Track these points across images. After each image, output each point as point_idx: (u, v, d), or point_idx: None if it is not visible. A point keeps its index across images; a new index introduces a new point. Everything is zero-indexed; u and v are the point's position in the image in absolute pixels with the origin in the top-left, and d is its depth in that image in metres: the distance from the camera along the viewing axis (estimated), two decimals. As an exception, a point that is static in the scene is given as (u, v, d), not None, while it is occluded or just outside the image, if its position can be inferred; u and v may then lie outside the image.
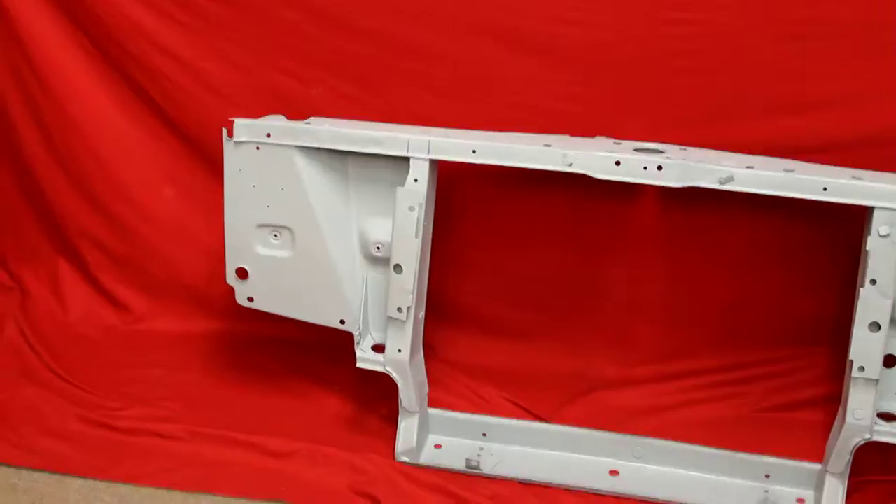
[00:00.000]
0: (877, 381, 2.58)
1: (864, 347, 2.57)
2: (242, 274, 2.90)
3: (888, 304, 2.54)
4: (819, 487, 2.72)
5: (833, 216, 2.91)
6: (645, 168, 2.63)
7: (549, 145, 2.71)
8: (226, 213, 2.89)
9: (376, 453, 2.87)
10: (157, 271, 3.49)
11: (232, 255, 2.91)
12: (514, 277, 3.23)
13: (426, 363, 2.96)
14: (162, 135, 3.40)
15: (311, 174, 2.82)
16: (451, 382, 3.17)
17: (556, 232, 3.16)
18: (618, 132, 2.92)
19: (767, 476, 2.81)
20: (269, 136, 2.80)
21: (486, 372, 3.21)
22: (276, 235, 2.87)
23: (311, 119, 2.91)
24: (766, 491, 2.78)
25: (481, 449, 2.93)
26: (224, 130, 2.82)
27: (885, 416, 2.65)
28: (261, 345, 3.34)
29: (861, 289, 2.56)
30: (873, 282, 2.54)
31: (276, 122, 2.84)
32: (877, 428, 2.62)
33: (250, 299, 2.93)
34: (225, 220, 2.89)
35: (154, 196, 3.46)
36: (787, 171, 2.62)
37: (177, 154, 3.40)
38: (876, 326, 2.56)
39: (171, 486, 2.77)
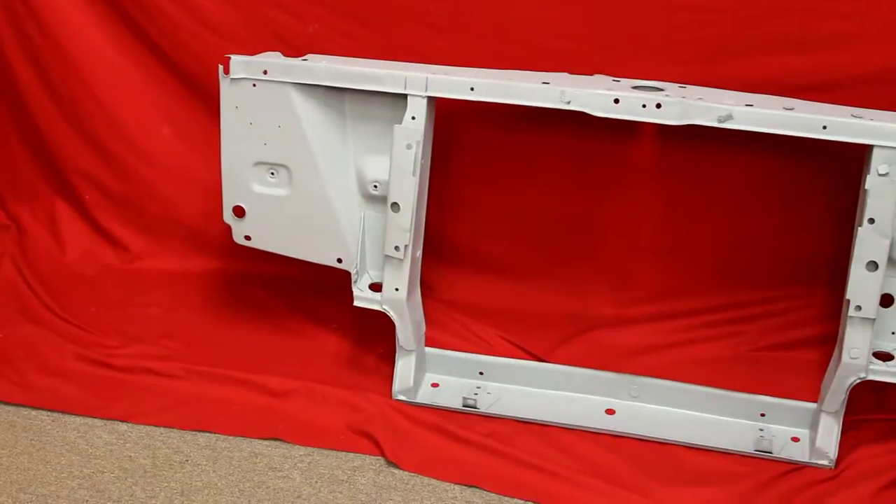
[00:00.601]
0: (873, 320, 2.58)
1: (861, 287, 2.57)
2: (239, 212, 2.90)
3: (886, 243, 2.54)
4: (814, 426, 2.73)
5: (832, 155, 2.88)
6: (644, 106, 2.62)
7: (547, 83, 2.70)
8: (222, 151, 2.88)
9: (373, 392, 2.89)
10: (154, 210, 3.47)
11: (229, 194, 2.90)
12: (512, 217, 3.21)
13: (423, 302, 2.96)
14: (159, 73, 3.37)
15: (307, 112, 2.80)
16: (448, 321, 3.17)
17: (554, 171, 3.15)
18: (617, 70, 2.89)
19: (763, 415, 2.82)
20: (265, 73, 2.78)
21: (483, 311, 3.21)
22: (272, 173, 2.86)
23: (308, 56, 2.89)
24: (762, 430, 2.79)
25: (478, 388, 2.94)
26: (220, 67, 2.80)
27: (881, 356, 2.66)
28: (258, 283, 3.34)
29: (859, 228, 2.56)
30: (871, 221, 2.54)
31: (272, 59, 2.82)
32: (872, 367, 2.63)
33: (247, 238, 2.93)
34: (221, 159, 2.89)
35: (151, 135, 3.43)
36: (786, 109, 2.61)
37: (174, 92, 3.37)
38: (873, 266, 2.55)
39: (168, 424, 2.79)
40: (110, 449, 2.70)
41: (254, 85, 2.79)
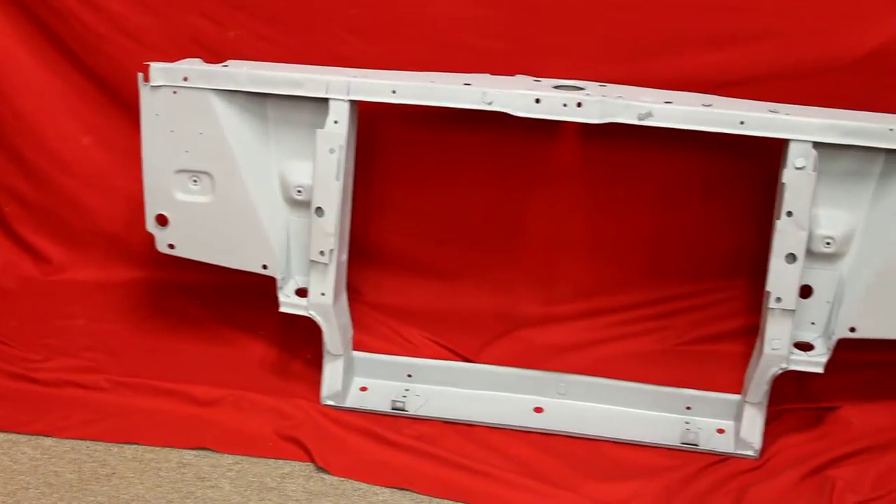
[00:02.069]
0: (793, 311, 2.63)
1: (781, 279, 2.62)
2: (162, 221, 2.88)
3: (804, 235, 2.59)
4: (739, 417, 2.78)
5: (752, 149, 2.93)
6: (564, 105, 2.65)
7: (469, 84, 2.71)
8: (143, 160, 2.85)
9: (302, 398, 2.88)
10: (75, 221, 3.42)
11: (151, 202, 2.88)
12: (437, 218, 3.21)
13: (350, 306, 2.96)
14: (78, 82, 3.33)
15: (229, 118, 2.79)
16: (375, 325, 3.18)
17: (479, 171, 3.16)
18: (540, 70, 2.91)
19: (689, 408, 2.86)
20: (185, 79, 2.77)
21: (411, 313, 3.22)
22: (195, 181, 2.84)
23: (229, 62, 2.88)
24: (688, 423, 2.83)
25: (407, 390, 2.94)
26: (140, 75, 2.77)
27: (802, 346, 2.71)
28: (183, 292, 3.31)
29: (777, 221, 2.61)
30: (789, 214, 2.59)
31: (192, 66, 2.80)
32: (793, 357, 2.68)
33: (171, 246, 2.90)
34: (143, 167, 2.86)
35: (71, 144, 3.38)
36: (704, 105, 2.66)
37: (93, 101, 3.33)
38: (792, 258, 2.60)
39: (94, 437, 2.75)
40: (35, 464, 2.65)
41: (174, 92, 2.78)
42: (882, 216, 2.63)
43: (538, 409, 2.90)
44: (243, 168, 2.81)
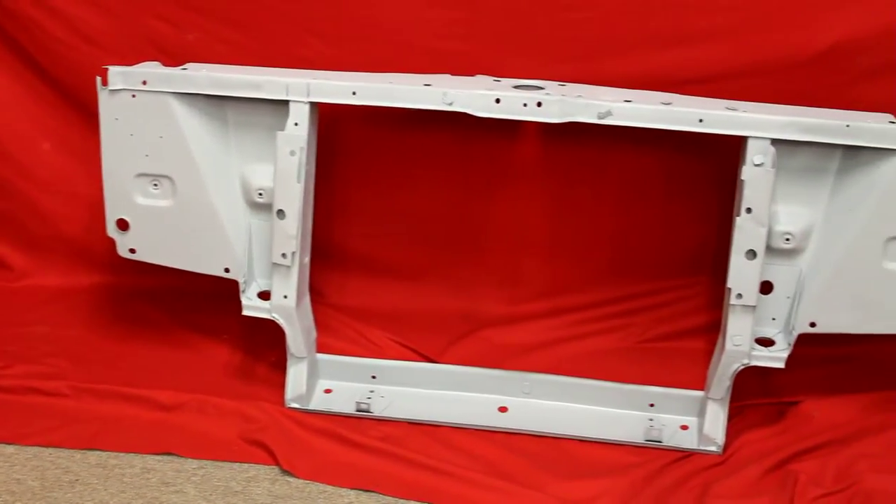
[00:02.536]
0: (754, 307, 2.65)
1: (742, 275, 2.64)
2: (123, 225, 2.86)
3: (763, 231, 2.61)
4: (702, 414, 2.79)
5: (712, 147, 2.95)
6: (524, 105, 2.66)
7: (429, 85, 2.72)
8: (103, 164, 2.84)
9: (266, 401, 2.87)
10: (36, 227, 3.41)
11: (112, 207, 2.86)
12: (400, 219, 3.22)
13: (314, 308, 2.96)
14: (36, 86, 3.31)
15: (189, 121, 2.78)
16: (339, 327, 3.18)
17: (441, 171, 3.16)
18: (500, 70, 2.92)
19: (652, 405, 2.88)
20: (144, 83, 2.75)
21: (374, 314, 3.23)
22: (155, 185, 2.83)
23: (188, 65, 2.87)
24: (651, 420, 2.84)
25: (371, 392, 2.94)
26: (98, 79, 2.75)
27: (763, 342, 2.73)
28: (145, 297, 3.30)
29: (737, 217, 2.63)
30: (749, 210, 2.61)
31: (151, 69, 2.79)
32: (755, 353, 2.70)
33: (132, 251, 2.89)
34: (103, 171, 2.84)
35: (30, 149, 3.36)
36: (663, 104, 2.68)
37: (52, 105, 3.31)
38: (752, 254, 2.62)
39: (57, 444, 2.73)
40: (-3, 472, 2.67)
41: (133, 96, 2.76)
42: (840, 211, 2.65)
43: (503, 409, 2.91)
44: (204, 171, 2.80)
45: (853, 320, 2.69)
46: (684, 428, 2.82)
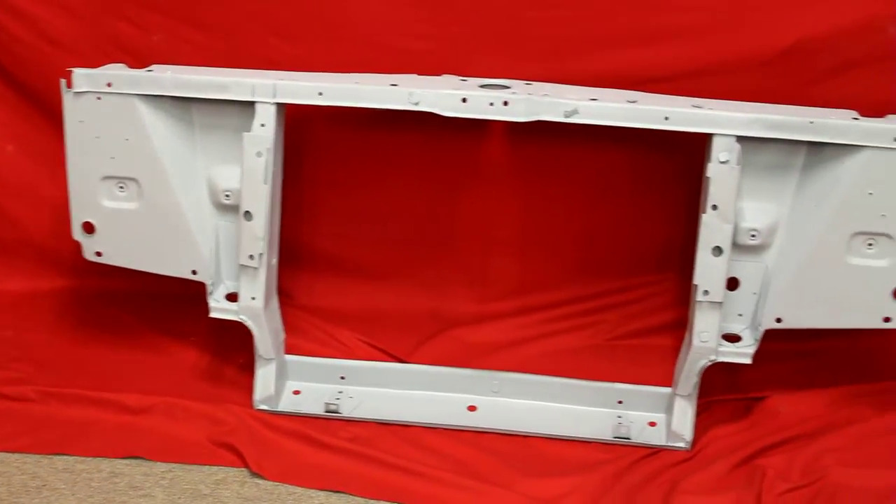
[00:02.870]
0: (721, 303, 2.67)
1: (708, 271, 2.65)
2: (89, 228, 2.85)
3: (729, 228, 2.63)
4: (670, 410, 2.81)
5: (678, 144, 2.93)
6: (491, 104, 2.67)
7: (395, 85, 2.72)
8: (68, 167, 2.82)
9: (235, 403, 2.86)
10: (0, 230, 3.36)
11: (77, 210, 2.85)
12: (368, 219, 3.21)
13: (282, 310, 2.96)
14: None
15: (155, 123, 2.77)
16: (307, 328, 3.17)
17: (409, 171, 3.16)
18: (467, 70, 2.92)
19: (620, 402, 2.90)
20: (109, 85, 2.74)
21: (343, 315, 3.22)
22: (121, 187, 2.81)
23: (154, 67, 2.85)
24: (620, 417, 2.86)
25: (340, 392, 2.94)
26: (63, 81, 2.74)
27: (730, 338, 2.75)
28: (112, 300, 3.27)
29: (703, 214, 2.64)
30: (714, 207, 2.62)
31: (116, 71, 2.78)
32: (722, 349, 2.72)
33: (98, 254, 2.87)
34: (68, 174, 2.82)
35: (-7, 152, 3.37)
36: (629, 102, 2.69)
37: (16, 108, 3.27)
38: (718, 251, 2.64)
39: (23, 449, 2.71)
40: (-37, 479, 2.65)
41: (98, 98, 2.75)
42: (805, 208, 2.67)
43: (472, 408, 2.91)
44: (170, 173, 2.79)
45: (819, 315, 2.71)
46: (652, 424, 2.84)
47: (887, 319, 2.68)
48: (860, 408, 2.88)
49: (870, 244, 2.63)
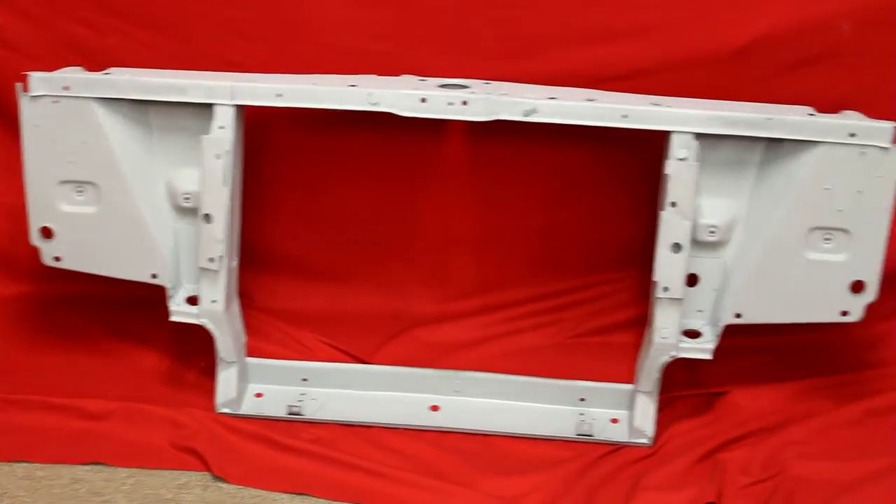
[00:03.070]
0: (680, 300, 2.68)
1: (668, 268, 2.67)
2: (47, 233, 2.83)
3: (688, 225, 2.64)
4: (631, 407, 2.83)
5: (637, 142, 2.94)
6: (450, 104, 2.67)
7: (354, 86, 2.71)
8: (25, 172, 2.79)
9: (196, 407, 2.85)
10: (-44, 237, 3.37)
11: (35, 215, 2.82)
12: (328, 220, 3.21)
13: (244, 312, 2.95)
14: (-46, 93, 3.28)
15: (113, 126, 2.75)
16: (269, 330, 3.16)
17: (369, 172, 3.16)
18: (426, 70, 2.91)
19: (582, 400, 2.91)
20: (66, 89, 2.72)
21: (304, 317, 3.21)
22: (80, 191, 2.79)
23: (111, 70, 2.84)
24: (582, 414, 2.87)
25: (302, 394, 2.93)
26: (19, 85, 2.71)
27: (690, 334, 2.77)
28: (72, 305, 3.24)
29: (662, 211, 2.65)
30: (673, 204, 2.63)
31: (73, 75, 2.76)
32: (682, 345, 2.74)
33: (57, 259, 2.85)
34: (25, 179, 2.79)
35: (-52, 158, 3.33)
36: (588, 100, 2.70)
37: (-30, 113, 3.28)
38: (677, 247, 2.65)
39: (-17, 457, 2.71)
40: (-80, 488, 2.62)
41: (55, 102, 2.73)
42: (762, 204, 2.69)
43: (434, 408, 2.92)
44: (129, 177, 2.77)
45: (777, 310, 2.74)
46: (615, 421, 2.85)
47: (845, 313, 2.71)
48: (819, 401, 2.91)
49: (827, 239, 2.66)
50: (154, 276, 2.84)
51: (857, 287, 2.69)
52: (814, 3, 2.92)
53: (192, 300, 2.84)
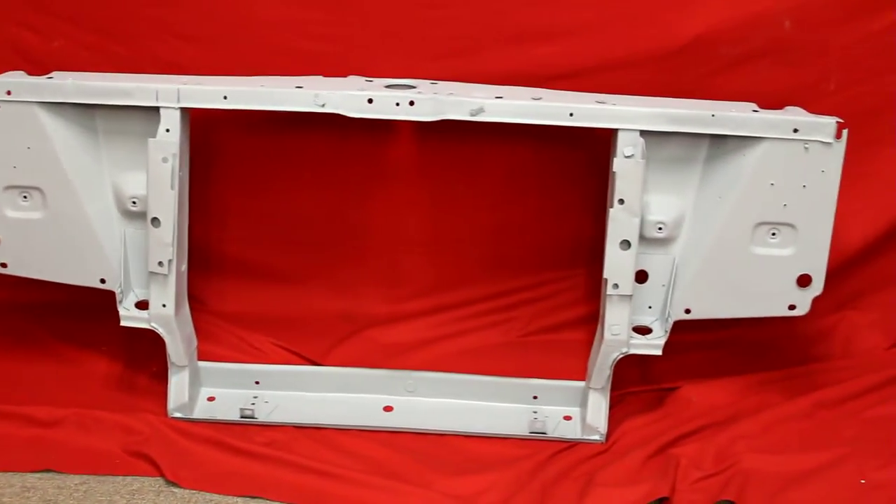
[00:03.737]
0: (630, 296, 2.70)
1: (617, 265, 2.68)
2: (-8, 239, 2.82)
3: (636, 222, 2.66)
4: (584, 404, 2.84)
5: (584, 140, 2.98)
6: (397, 104, 2.67)
7: (301, 87, 2.71)
8: (-30, 178, 2.78)
9: (149, 412, 2.83)
10: None
11: (-21, 222, 2.81)
12: (278, 222, 3.20)
13: (194, 316, 2.93)
14: None
15: (57, 131, 2.73)
16: (220, 333, 3.15)
17: (318, 173, 3.15)
18: (372, 71, 2.92)
19: (535, 397, 2.92)
20: (9, 93, 2.69)
21: (256, 320, 3.20)
22: (25, 197, 2.77)
23: (54, 73, 2.81)
24: (535, 412, 2.88)
25: (255, 397, 2.93)
26: (-39, 90, 2.70)
27: (640, 330, 2.79)
28: (19, 311, 3.21)
29: (610, 209, 2.67)
30: (621, 201, 2.65)
31: (16, 79, 2.73)
32: (633, 342, 2.75)
33: (3, 265, 2.83)
34: (-31, 186, 2.79)
35: None
36: (534, 99, 2.71)
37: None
38: (626, 244, 2.67)
39: (-68, 467, 2.67)
40: None
41: (-3, 107, 2.73)
42: (709, 199, 2.72)
43: (388, 408, 2.92)
44: (75, 182, 2.76)
45: (726, 305, 2.77)
46: (567, 418, 2.87)
47: (792, 307, 2.74)
48: (769, 394, 2.94)
49: (773, 234, 2.69)
50: (103, 280, 2.82)
51: (804, 281, 2.72)
52: (755, 0, 2.95)
53: (142, 305, 2.82)
